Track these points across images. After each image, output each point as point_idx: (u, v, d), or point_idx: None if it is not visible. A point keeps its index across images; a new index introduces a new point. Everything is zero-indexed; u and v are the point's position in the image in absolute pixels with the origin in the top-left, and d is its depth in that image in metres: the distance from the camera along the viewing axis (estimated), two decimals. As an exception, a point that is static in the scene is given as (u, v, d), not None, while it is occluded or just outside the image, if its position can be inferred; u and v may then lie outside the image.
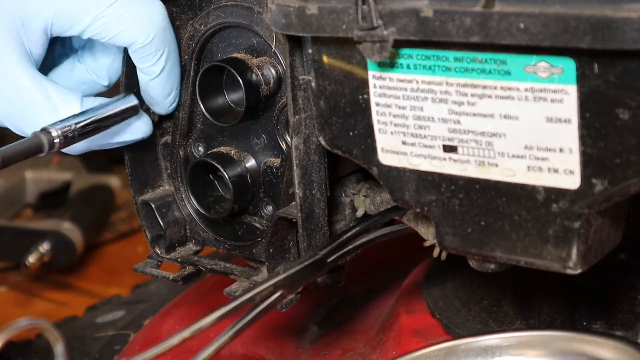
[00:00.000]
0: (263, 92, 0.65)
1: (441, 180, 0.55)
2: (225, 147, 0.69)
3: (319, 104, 0.58)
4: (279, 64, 0.65)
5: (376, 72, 0.55)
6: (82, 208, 1.30)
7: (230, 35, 0.67)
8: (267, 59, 0.65)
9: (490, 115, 0.51)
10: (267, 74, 0.65)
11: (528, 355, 0.60)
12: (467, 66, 0.51)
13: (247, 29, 0.66)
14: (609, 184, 0.49)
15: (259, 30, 0.65)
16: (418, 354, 0.61)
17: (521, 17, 0.47)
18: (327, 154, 0.62)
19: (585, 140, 0.49)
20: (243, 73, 0.65)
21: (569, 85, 0.48)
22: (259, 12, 0.64)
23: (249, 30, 0.66)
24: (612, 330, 0.64)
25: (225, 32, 0.67)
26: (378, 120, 0.56)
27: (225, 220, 0.71)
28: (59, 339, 0.48)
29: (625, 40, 0.44)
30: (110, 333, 0.92)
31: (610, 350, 0.57)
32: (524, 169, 0.51)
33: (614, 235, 0.55)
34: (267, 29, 0.64)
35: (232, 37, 0.67)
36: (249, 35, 0.66)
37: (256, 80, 0.65)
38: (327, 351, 0.78)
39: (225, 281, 0.69)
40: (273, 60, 0.65)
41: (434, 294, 0.72)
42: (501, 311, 0.68)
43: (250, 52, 0.66)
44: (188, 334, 0.54)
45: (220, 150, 0.69)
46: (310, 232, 0.63)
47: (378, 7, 0.51)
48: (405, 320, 0.71)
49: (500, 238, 0.54)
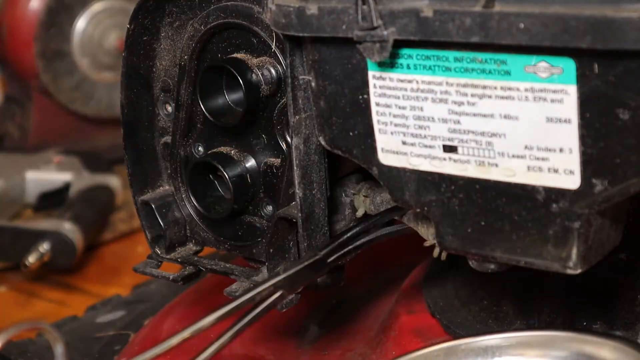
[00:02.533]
0: (263, 92, 0.65)
1: (441, 181, 0.55)
2: (225, 147, 0.69)
3: (319, 104, 0.58)
4: (279, 64, 0.65)
5: (376, 72, 0.55)
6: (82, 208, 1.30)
7: (230, 35, 0.67)
8: (267, 59, 0.65)
9: (491, 116, 0.51)
10: (267, 74, 0.65)
11: (528, 355, 0.60)
12: (467, 66, 0.51)
13: (247, 29, 0.66)
14: (609, 184, 0.49)
15: (259, 31, 0.65)
16: (418, 354, 0.61)
17: (521, 17, 0.47)
18: (327, 153, 0.62)
19: (585, 140, 0.49)
20: (243, 73, 0.64)
21: (569, 85, 0.48)
22: (259, 12, 0.64)
23: (248, 30, 0.65)
24: (612, 330, 0.64)
25: (225, 32, 0.67)
26: (378, 121, 0.56)
27: (225, 220, 0.71)
28: (58, 340, 0.48)
29: (625, 40, 0.44)
30: (110, 333, 0.92)
31: (610, 350, 0.57)
32: (524, 169, 0.51)
33: (614, 235, 0.55)
34: (267, 29, 0.64)
35: (232, 37, 0.67)
36: (249, 36, 0.66)
37: (256, 81, 0.65)
38: (327, 351, 0.78)
39: (225, 281, 0.69)
40: (273, 60, 0.65)
41: (434, 294, 0.72)
42: (501, 311, 0.68)
43: (251, 52, 0.66)
44: (188, 334, 0.54)
45: (221, 150, 0.69)
46: (310, 232, 0.63)
47: (378, 7, 0.51)
48: (405, 320, 0.71)
49: (500, 238, 0.54)
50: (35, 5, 1.44)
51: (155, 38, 0.70)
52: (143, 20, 0.69)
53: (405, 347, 0.66)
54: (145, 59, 0.71)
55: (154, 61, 0.71)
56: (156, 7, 0.69)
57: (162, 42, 0.71)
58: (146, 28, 0.70)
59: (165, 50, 0.71)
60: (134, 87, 0.70)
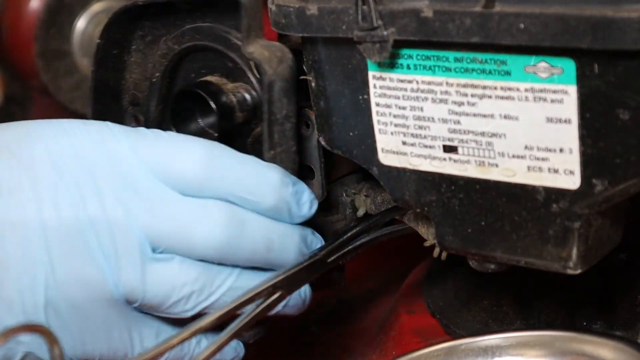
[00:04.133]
0: (237, 119, 0.63)
1: (441, 181, 0.55)
2: None
3: (319, 104, 0.58)
4: (255, 90, 0.63)
5: (376, 73, 0.55)
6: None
7: (206, 57, 0.65)
8: (243, 84, 0.63)
9: (491, 116, 0.51)
10: (242, 99, 0.63)
11: (528, 355, 0.60)
12: (467, 66, 0.51)
13: (222, 54, 0.63)
14: (609, 184, 0.49)
15: (235, 58, 0.62)
16: (418, 354, 0.61)
17: (521, 18, 0.47)
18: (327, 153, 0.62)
19: (585, 140, 0.49)
20: (217, 98, 0.62)
21: (569, 86, 0.48)
22: (237, 39, 0.62)
23: (224, 55, 0.63)
24: (612, 330, 0.64)
25: (200, 53, 0.65)
26: (378, 121, 0.56)
27: None
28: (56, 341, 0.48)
29: (625, 41, 0.44)
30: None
31: (610, 350, 0.57)
32: (524, 169, 0.51)
33: (614, 235, 0.55)
34: (243, 57, 0.62)
35: (207, 59, 0.65)
36: (225, 59, 0.64)
37: (230, 105, 0.63)
38: (327, 351, 0.78)
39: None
40: (248, 86, 0.63)
41: (434, 294, 0.72)
42: (501, 311, 0.68)
43: (226, 75, 0.64)
44: (188, 334, 0.54)
45: None
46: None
47: (378, 7, 0.51)
48: (405, 321, 0.71)
49: (501, 238, 0.54)
50: (35, 5, 1.44)
51: (126, 51, 0.68)
52: (114, 35, 0.67)
53: (405, 347, 0.66)
54: (115, 72, 0.69)
55: (123, 73, 0.69)
56: (129, 22, 0.67)
57: (132, 55, 0.69)
58: (117, 42, 0.68)
59: (135, 63, 0.69)
60: (103, 100, 0.69)
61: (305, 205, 0.60)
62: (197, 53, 0.65)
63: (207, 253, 0.57)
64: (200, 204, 0.57)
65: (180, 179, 0.57)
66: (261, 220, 0.59)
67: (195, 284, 0.57)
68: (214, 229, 0.57)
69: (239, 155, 0.59)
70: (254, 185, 0.58)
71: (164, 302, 0.57)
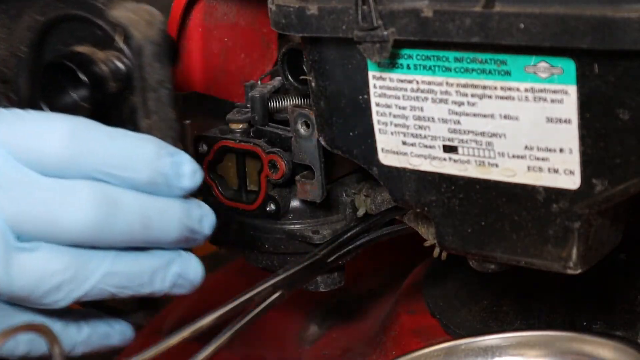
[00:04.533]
0: (111, 89, 0.59)
1: (441, 181, 0.55)
2: None
3: (319, 104, 0.58)
4: (128, 58, 0.59)
5: (376, 73, 0.55)
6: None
7: (74, 27, 0.61)
8: (114, 52, 0.59)
9: (491, 116, 0.51)
10: (114, 68, 0.59)
11: (528, 355, 0.60)
12: (467, 66, 0.51)
13: (89, 22, 0.60)
14: (609, 184, 0.49)
15: (103, 25, 0.59)
16: (418, 354, 0.61)
17: (521, 18, 0.47)
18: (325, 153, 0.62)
19: (585, 140, 0.49)
20: (87, 68, 0.59)
21: (569, 86, 0.48)
22: (104, 4, 0.58)
23: (92, 23, 0.60)
24: (612, 330, 0.64)
25: (66, 24, 0.61)
26: (378, 121, 0.56)
27: None
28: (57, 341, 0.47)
29: (625, 41, 0.44)
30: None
31: (610, 350, 0.57)
32: (524, 169, 0.51)
33: (614, 235, 0.55)
34: (110, 23, 0.58)
35: (75, 28, 0.61)
36: (93, 28, 0.60)
37: (102, 76, 0.59)
38: (327, 351, 0.78)
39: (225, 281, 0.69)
40: (120, 54, 0.59)
41: (434, 294, 0.72)
42: (501, 311, 0.68)
43: (96, 44, 0.60)
44: (187, 333, 0.54)
45: None
46: None
47: (378, 7, 0.51)
48: (405, 321, 0.71)
49: (501, 238, 0.54)
50: (35, 5, 1.44)
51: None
52: None
53: (405, 347, 0.66)
54: None
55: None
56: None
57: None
58: None
59: (1, 39, 0.65)
60: None
61: (185, 176, 0.55)
62: (64, 23, 0.61)
63: (77, 237, 0.52)
64: (65, 185, 0.53)
65: (43, 159, 0.53)
66: (136, 197, 0.54)
67: (66, 272, 0.52)
68: (82, 211, 0.52)
69: (107, 129, 0.55)
70: (125, 159, 0.54)
71: (32, 294, 0.52)
